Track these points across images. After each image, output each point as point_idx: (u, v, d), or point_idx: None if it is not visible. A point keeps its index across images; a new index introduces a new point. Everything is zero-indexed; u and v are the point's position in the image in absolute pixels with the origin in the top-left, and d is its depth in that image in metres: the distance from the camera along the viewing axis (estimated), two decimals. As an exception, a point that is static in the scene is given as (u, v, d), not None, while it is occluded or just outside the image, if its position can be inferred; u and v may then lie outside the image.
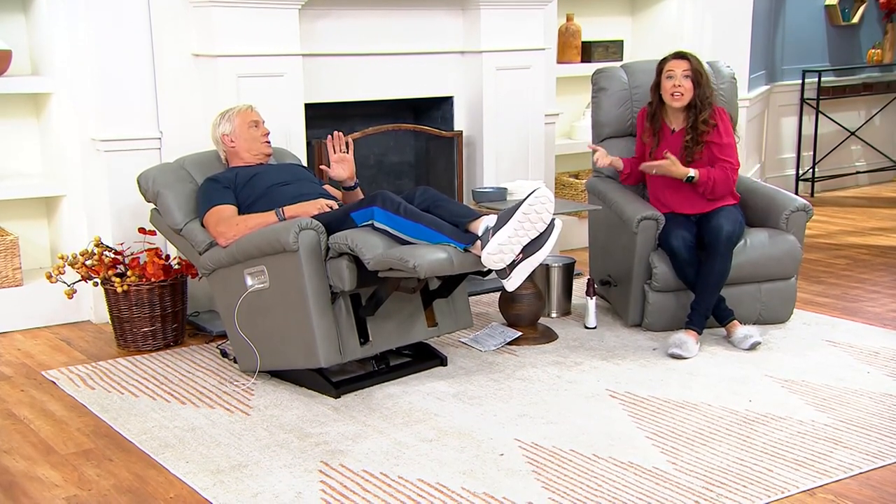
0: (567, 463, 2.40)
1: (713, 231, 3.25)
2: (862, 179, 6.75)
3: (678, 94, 3.33)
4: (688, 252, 3.27)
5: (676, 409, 2.75)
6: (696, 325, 3.24)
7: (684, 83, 3.32)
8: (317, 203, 2.98)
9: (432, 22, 4.01)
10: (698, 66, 3.34)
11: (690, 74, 3.32)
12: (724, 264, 3.22)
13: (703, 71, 3.36)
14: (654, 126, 3.43)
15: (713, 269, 3.21)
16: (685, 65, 3.33)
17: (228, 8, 3.43)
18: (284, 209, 2.96)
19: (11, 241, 3.56)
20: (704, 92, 3.34)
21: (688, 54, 3.39)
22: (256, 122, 3.20)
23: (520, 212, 2.69)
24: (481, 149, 4.16)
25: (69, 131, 3.59)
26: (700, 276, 3.24)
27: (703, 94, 3.34)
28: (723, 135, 3.36)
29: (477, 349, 3.31)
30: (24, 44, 3.69)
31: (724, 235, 3.22)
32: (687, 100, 3.34)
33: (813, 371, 3.05)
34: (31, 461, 2.47)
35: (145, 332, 3.32)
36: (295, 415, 2.74)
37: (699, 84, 3.33)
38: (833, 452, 2.46)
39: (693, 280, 3.28)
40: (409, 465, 2.40)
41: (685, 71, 3.32)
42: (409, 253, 2.65)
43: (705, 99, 3.34)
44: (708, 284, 3.22)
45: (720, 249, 3.22)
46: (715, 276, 3.21)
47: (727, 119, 3.41)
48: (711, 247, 3.24)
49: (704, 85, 3.34)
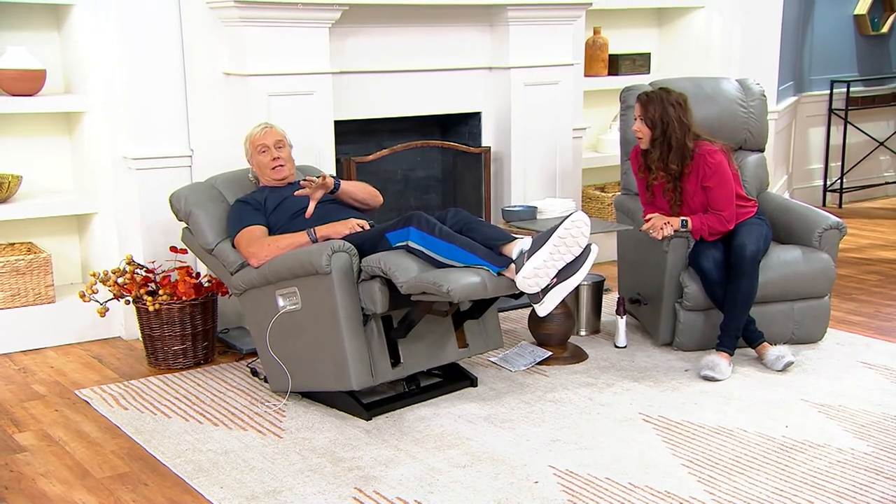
0: (603, 492, 2.38)
1: (737, 250, 3.22)
2: (891, 190, 6.67)
3: (637, 136, 3.31)
4: (718, 272, 3.25)
5: (712, 434, 2.72)
6: (728, 346, 3.21)
7: (641, 127, 3.28)
8: (348, 223, 2.97)
9: (460, 38, 4.00)
10: (653, 109, 3.22)
11: (645, 120, 3.26)
12: (751, 283, 3.19)
13: (658, 113, 3.21)
14: (646, 161, 3.36)
15: (740, 289, 3.18)
16: (639, 110, 3.27)
17: (259, 27, 3.44)
18: (316, 230, 2.96)
19: (44, 258, 3.59)
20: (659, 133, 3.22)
21: (644, 95, 3.27)
22: (265, 147, 3.15)
23: (556, 236, 2.67)
24: (509, 164, 4.15)
25: (101, 149, 3.61)
26: (728, 297, 3.21)
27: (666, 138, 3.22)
28: (711, 179, 3.24)
29: (507, 369, 3.29)
30: (58, 63, 3.72)
31: (749, 254, 3.19)
32: (646, 143, 3.29)
33: (849, 395, 3.01)
34: (67, 485, 2.49)
35: (176, 350, 3.34)
36: (327, 438, 2.74)
37: (654, 128, 3.23)
38: (875, 484, 2.42)
39: (720, 302, 3.25)
40: (443, 493, 2.39)
41: (639, 115, 3.28)
42: (443, 277, 2.64)
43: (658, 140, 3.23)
44: (736, 304, 3.19)
45: (745, 269, 3.18)
46: (742, 295, 3.18)
47: (721, 159, 3.25)
48: (737, 266, 3.21)
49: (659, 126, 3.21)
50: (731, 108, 3.73)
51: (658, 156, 3.26)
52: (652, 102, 3.25)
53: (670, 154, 3.25)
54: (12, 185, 3.57)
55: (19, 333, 3.54)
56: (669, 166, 3.26)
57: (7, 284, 3.52)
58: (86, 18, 3.53)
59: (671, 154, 3.25)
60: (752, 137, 3.78)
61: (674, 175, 3.28)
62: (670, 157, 3.25)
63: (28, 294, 3.57)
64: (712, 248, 3.29)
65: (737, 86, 3.80)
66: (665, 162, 3.26)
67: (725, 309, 3.22)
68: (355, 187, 3.21)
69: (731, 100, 3.73)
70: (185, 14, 3.49)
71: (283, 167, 3.17)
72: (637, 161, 3.43)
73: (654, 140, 3.26)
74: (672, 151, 3.25)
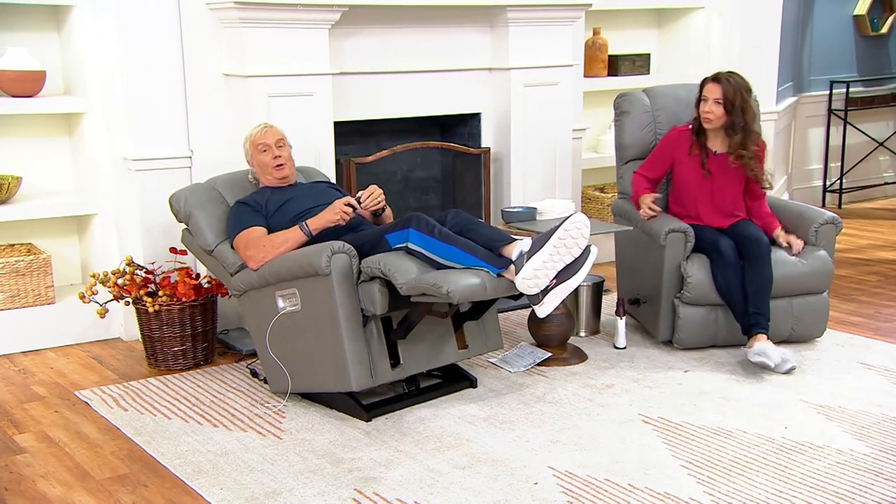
0: (603, 493, 2.39)
1: (752, 242, 3.30)
2: (890, 191, 6.67)
3: (707, 118, 3.36)
4: (734, 255, 3.30)
5: (711, 436, 2.72)
6: (765, 328, 3.24)
7: (714, 109, 3.35)
8: (335, 209, 2.94)
9: (460, 39, 4.01)
10: (733, 93, 3.32)
11: (722, 101, 3.32)
12: (770, 269, 3.28)
13: (738, 98, 3.33)
14: (700, 140, 3.45)
15: (762, 275, 3.26)
16: (718, 91, 3.34)
17: (259, 28, 3.44)
18: (308, 223, 2.94)
19: (44, 259, 3.59)
20: (738, 119, 3.34)
21: (724, 78, 3.37)
22: (266, 146, 3.16)
23: (555, 237, 2.68)
24: (508, 165, 4.15)
25: (101, 150, 3.62)
26: (751, 284, 3.26)
27: (736, 122, 3.34)
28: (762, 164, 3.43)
29: (506, 370, 3.29)
30: (58, 64, 3.72)
31: (764, 243, 3.31)
32: (716, 125, 3.37)
33: (849, 396, 3.01)
34: (67, 487, 2.49)
35: (176, 351, 3.34)
36: (327, 439, 2.74)
37: (732, 111, 3.33)
38: (874, 485, 2.42)
39: (733, 287, 3.27)
40: (442, 494, 2.39)
41: (717, 98, 3.33)
42: (443, 279, 2.64)
43: (738, 125, 3.35)
44: (761, 288, 3.25)
45: (763, 256, 3.28)
46: (767, 281, 3.26)
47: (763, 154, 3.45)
48: (757, 256, 3.28)
49: (738, 112, 3.33)
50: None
51: (739, 139, 3.34)
52: (732, 85, 3.33)
53: (748, 137, 3.35)
54: (12, 186, 3.57)
55: (19, 334, 3.54)
56: (751, 148, 3.35)
57: (7, 285, 3.52)
58: (86, 20, 3.53)
59: (750, 137, 3.35)
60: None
61: (751, 157, 3.36)
62: (749, 140, 3.35)
63: (28, 295, 3.57)
64: (724, 234, 3.37)
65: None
66: (745, 145, 3.34)
67: (749, 296, 3.26)
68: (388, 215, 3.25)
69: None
70: (184, 15, 3.49)
71: (285, 166, 3.16)
72: (684, 137, 3.45)
73: (734, 124, 3.33)
74: (750, 135, 3.35)
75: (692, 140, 3.45)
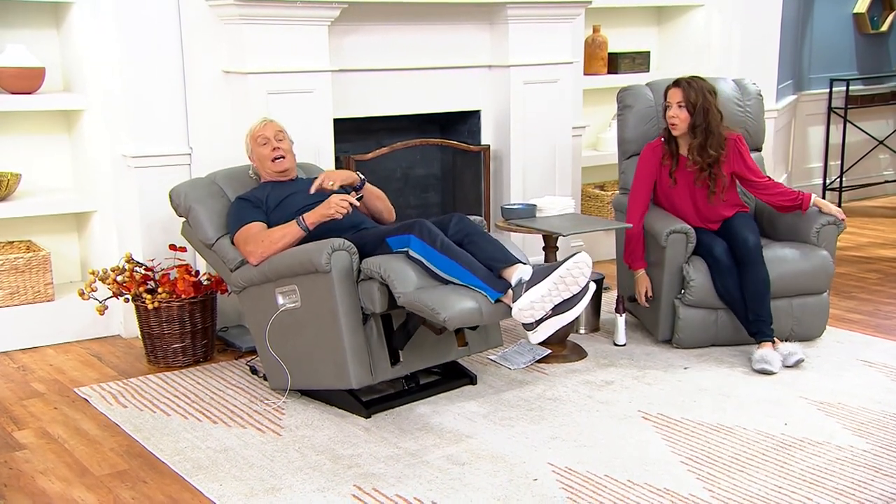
0: (602, 489, 2.38)
1: (741, 243, 3.28)
2: (890, 189, 6.67)
3: (673, 124, 3.35)
4: (728, 260, 3.30)
5: (711, 432, 2.72)
6: (768, 335, 3.24)
7: (679, 113, 3.33)
8: (330, 203, 2.92)
9: (460, 37, 4.00)
10: (695, 95, 3.29)
11: (684, 104, 3.30)
12: (763, 269, 3.26)
13: (699, 100, 3.29)
14: (671, 149, 3.42)
15: (757, 277, 3.24)
16: (679, 95, 3.32)
17: (258, 25, 3.44)
18: (305, 217, 2.93)
19: (43, 256, 3.59)
20: (700, 120, 3.30)
21: (685, 82, 3.34)
22: (266, 139, 3.15)
23: (556, 273, 2.66)
24: (508, 162, 4.15)
25: (100, 147, 3.61)
26: (747, 288, 3.25)
27: (697, 123, 3.30)
28: (748, 160, 3.40)
29: (506, 367, 3.29)
30: (57, 61, 3.72)
31: (752, 245, 3.27)
32: (682, 129, 3.34)
33: (849, 393, 3.01)
34: (66, 482, 2.49)
35: (175, 348, 3.33)
36: (326, 435, 2.74)
37: (694, 112, 3.30)
38: (874, 481, 2.42)
39: (732, 291, 3.27)
40: (442, 490, 2.39)
41: (679, 101, 3.32)
42: (440, 303, 2.62)
43: (699, 128, 3.30)
44: (758, 292, 3.24)
45: (754, 258, 3.26)
46: (761, 282, 3.24)
47: (745, 147, 3.40)
48: (746, 258, 3.26)
49: (700, 113, 3.29)
50: (727, 108, 3.72)
51: (699, 142, 3.31)
52: (693, 88, 3.31)
53: (709, 140, 3.31)
54: (11, 183, 3.56)
55: (18, 331, 3.54)
56: (709, 152, 3.31)
57: (6, 282, 3.52)
58: (85, 16, 3.53)
59: (711, 140, 3.31)
60: (750, 137, 3.78)
61: (710, 162, 3.33)
62: (710, 143, 3.31)
63: (27, 292, 3.56)
64: (718, 237, 3.36)
65: (733, 86, 3.80)
66: (705, 148, 3.31)
67: (748, 301, 3.25)
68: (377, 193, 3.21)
69: (728, 99, 3.73)
70: (184, 12, 3.49)
71: (284, 159, 3.15)
72: (657, 153, 3.44)
73: (695, 126, 3.31)
74: (713, 137, 3.31)
75: (664, 150, 3.43)
